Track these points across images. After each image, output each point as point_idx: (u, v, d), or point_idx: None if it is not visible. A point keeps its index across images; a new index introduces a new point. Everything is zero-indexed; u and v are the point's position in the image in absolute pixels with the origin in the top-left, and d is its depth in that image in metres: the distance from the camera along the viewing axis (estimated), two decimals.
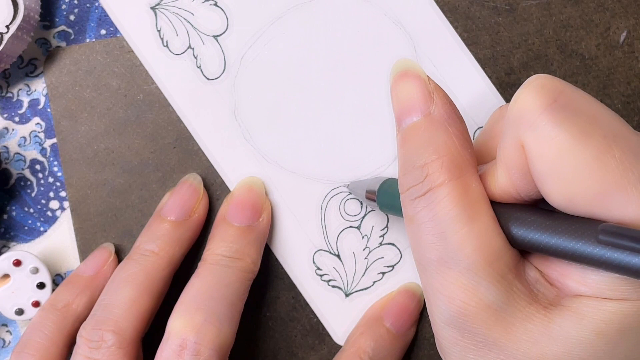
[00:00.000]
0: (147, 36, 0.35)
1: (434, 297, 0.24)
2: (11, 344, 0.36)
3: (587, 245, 0.22)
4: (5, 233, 0.36)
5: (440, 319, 0.24)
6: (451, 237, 0.23)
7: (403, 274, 0.35)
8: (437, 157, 0.24)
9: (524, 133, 0.23)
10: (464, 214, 0.23)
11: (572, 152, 0.22)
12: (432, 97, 0.25)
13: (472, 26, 0.34)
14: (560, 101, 0.22)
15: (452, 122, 0.25)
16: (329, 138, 0.35)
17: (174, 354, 0.29)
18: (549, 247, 0.23)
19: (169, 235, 0.33)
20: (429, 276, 0.24)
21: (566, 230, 0.22)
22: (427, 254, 0.24)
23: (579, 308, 0.23)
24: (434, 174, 0.24)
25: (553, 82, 0.23)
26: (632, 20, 0.34)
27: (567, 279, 0.24)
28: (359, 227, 0.35)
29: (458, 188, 0.24)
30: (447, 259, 0.23)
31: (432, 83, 0.25)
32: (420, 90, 0.25)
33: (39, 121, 0.36)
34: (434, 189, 0.24)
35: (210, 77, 0.35)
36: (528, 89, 0.23)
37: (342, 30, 0.34)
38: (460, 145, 0.24)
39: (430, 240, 0.24)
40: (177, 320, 0.30)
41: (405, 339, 0.34)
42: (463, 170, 0.24)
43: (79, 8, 0.35)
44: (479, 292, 0.23)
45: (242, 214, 0.33)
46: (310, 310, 0.35)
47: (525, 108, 0.23)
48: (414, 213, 0.24)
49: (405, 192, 0.25)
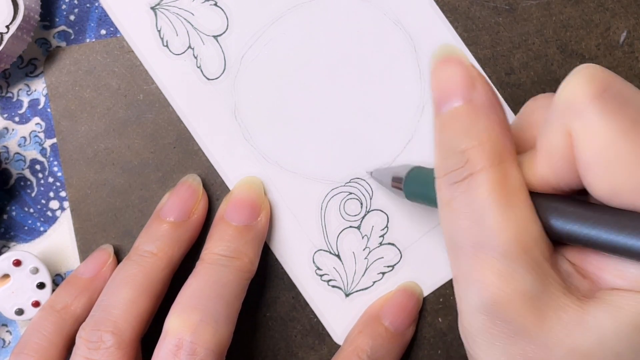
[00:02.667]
0: (147, 36, 0.35)
1: (465, 283, 0.24)
2: (11, 344, 0.36)
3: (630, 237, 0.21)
4: (5, 233, 0.36)
5: (471, 304, 0.24)
6: (488, 222, 0.23)
7: (403, 274, 0.35)
8: (479, 142, 0.24)
9: (572, 120, 0.22)
10: (503, 200, 0.23)
11: (621, 142, 0.21)
12: (474, 84, 0.25)
13: (472, 26, 0.34)
14: (610, 91, 0.22)
15: (494, 110, 0.25)
16: (329, 138, 0.35)
17: (170, 353, 0.29)
18: (589, 239, 0.22)
19: (168, 236, 0.33)
20: (462, 261, 0.24)
21: (607, 222, 0.22)
22: (462, 239, 0.24)
23: (616, 301, 0.22)
24: (474, 159, 0.24)
25: (603, 71, 0.23)
26: (632, 20, 0.34)
27: (603, 271, 0.23)
28: (359, 227, 0.35)
29: (498, 175, 0.23)
30: (483, 245, 0.23)
31: (474, 70, 0.25)
32: (463, 75, 0.25)
33: (39, 121, 0.36)
34: (475, 174, 0.24)
35: (210, 77, 0.35)
36: (578, 77, 0.23)
37: (342, 30, 0.34)
38: (501, 132, 0.24)
39: (466, 225, 0.24)
40: (173, 320, 0.30)
41: (403, 337, 0.34)
42: (503, 157, 0.24)
43: (79, 8, 0.35)
44: (514, 279, 0.23)
45: (241, 214, 0.33)
46: (310, 310, 0.35)
47: (575, 96, 0.22)
48: (451, 198, 0.24)
49: (443, 177, 0.25)
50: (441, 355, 0.35)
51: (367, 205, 0.35)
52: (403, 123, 0.35)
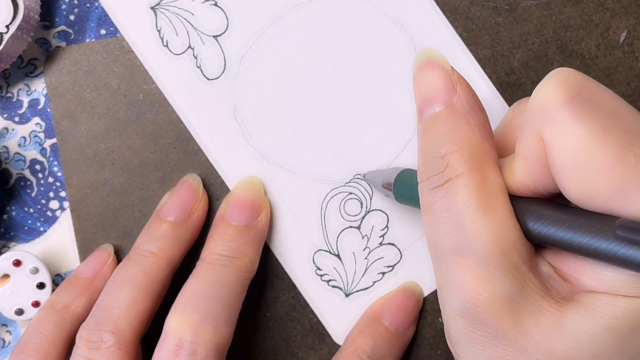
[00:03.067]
0: (147, 36, 0.35)
1: (446, 287, 0.24)
2: (11, 344, 0.36)
3: (603, 241, 0.21)
4: (5, 233, 0.36)
5: (451, 308, 0.24)
6: (467, 227, 0.23)
7: (403, 274, 0.35)
8: (458, 147, 0.24)
9: (544, 126, 0.23)
10: (481, 204, 0.23)
11: (592, 146, 0.22)
12: (455, 88, 0.25)
13: (472, 26, 0.34)
14: (582, 95, 0.22)
15: (474, 114, 0.25)
16: (329, 138, 0.35)
17: (170, 353, 0.29)
18: (565, 242, 0.23)
19: (168, 236, 0.33)
20: (442, 265, 0.24)
21: (583, 225, 0.22)
22: (442, 243, 0.24)
23: (592, 303, 0.23)
24: (454, 164, 0.24)
25: (575, 76, 0.23)
26: (632, 20, 0.34)
27: (581, 274, 0.24)
28: (359, 227, 0.35)
29: (477, 179, 0.24)
30: (462, 249, 0.23)
31: (455, 74, 0.25)
32: (444, 80, 0.25)
33: (38, 121, 0.36)
34: (453, 179, 0.24)
35: (210, 77, 0.35)
36: (550, 82, 0.23)
37: (342, 31, 0.34)
38: (482, 136, 0.25)
39: (446, 230, 0.24)
40: (174, 320, 0.30)
41: (404, 337, 0.34)
42: (483, 161, 0.24)
43: (79, 8, 0.35)
44: (492, 283, 0.23)
45: (241, 213, 0.33)
46: (310, 310, 0.35)
47: (546, 101, 0.23)
48: (432, 202, 0.25)
49: (424, 182, 0.25)
50: (441, 355, 0.35)
51: (367, 205, 0.35)
52: (403, 123, 0.35)
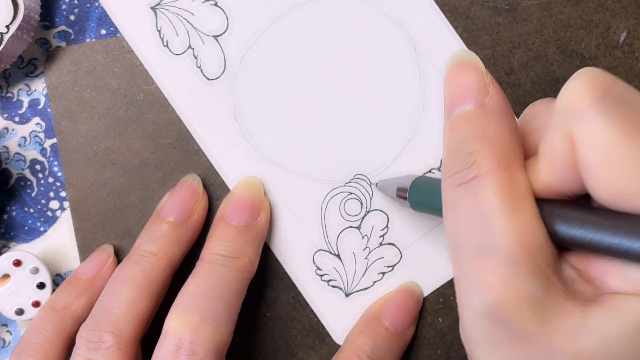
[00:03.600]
0: (147, 36, 0.35)
1: (467, 287, 0.24)
2: (11, 344, 0.36)
3: (633, 241, 0.21)
4: (5, 233, 0.36)
5: (472, 308, 0.24)
6: (493, 226, 0.23)
7: (403, 274, 0.35)
8: (487, 145, 0.24)
9: (574, 125, 0.22)
10: (508, 204, 0.23)
11: (623, 145, 0.21)
12: (487, 89, 0.25)
13: (472, 26, 0.34)
14: (611, 94, 0.22)
15: (505, 116, 0.25)
16: (329, 138, 0.35)
17: (170, 353, 0.29)
18: (593, 243, 0.22)
19: (168, 236, 0.33)
20: (464, 264, 0.24)
21: (611, 226, 0.22)
22: (465, 242, 0.24)
23: (620, 305, 0.22)
24: (482, 161, 0.24)
25: (603, 75, 0.23)
26: (632, 20, 0.34)
27: (607, 276, 0.23)
28: (359, 227, 0.35)
29: (504, 178, 0.24)
30: (486, 248, 0.23)
31: (488, 76, 0.25)
32: (477, 80, 0.25)
33: (39, 121, 0.36)
34: (480, 176, 0.24)
35: (211, 77, 0.35)
36: (578, 82, 0.23)
37: (342, 31, 0.34)
38: (511, 138, 0.24)
39: (470, 228, 0.24)
40: (173, 320, 0.30)
41: (404, 337, 0.34)
42: (511, 161, 0.24)
43: (79, 8, 0.35)
44: (517, 284, 0.23)
45: (240, 213, 0.33)
46: (310, 310, 0.35)
47: (575, 100, 0.22)
48: (456, 200, 0.24)
49: (448, 178, 0.25)
50: (441, 355, 0.35)
51: (367, 205, 0.35)
52: (403, 123, 0.35)
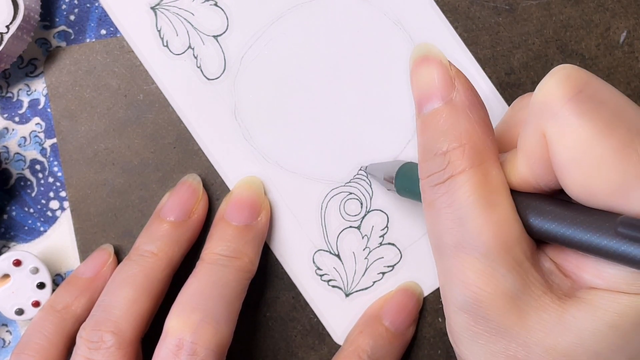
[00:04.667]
0: (147, 36, 0.35)
1: (449, 282, 0.24)
2: (11, 344, 0.36)
3: (604, 238, 0.21)
4: (5, 233, 0.36)
5: (454, 303, 0.24)
6: (470, 223, 0.23)
7: (403, 273, 0.35)
8: (459, 144, 0.24)
9: (547, 122, 0.23)
10: (484, 200, 0.23)
11: (595, 143, 0.22)
12: (453, 84, 0.25)
13: (472, 26, 0.34)
14: (586, 92, 0.22)
15: (474, 109, 0.25)
16: (329, 138, 0.35)
17: (170, 353, 0.29)
18: (566, 238, 0.23)
19: (168, 236, 0.33)
20: (445, 261, 0.24)
21: (584, 222, 0.22)
22: (444, 239, 0.24)
23: (594, 300, 0.23)
24: (455, 161, 0.24)
25: (579, 72, 0.23)
26: (632, 20, 0.34)
27: (582, 271, 0.24)
28: (359, 227, 0.35)
29: (479, 175, 0.24)
30: (464, 245, 0.23)
31: (453, 69, 0.25)
32: (442, 75, 0.25)
33: (39, 121, 0.36)
34: (455, 175, 0.24)
35: (210, 77, 0.35)
36: (553, 79, 0.23)
37: (342, 31, 0.34)
38: (482, 132, 0.24)
39: (448, 226, 0.24)
40: (173, 320, 0.30)
41: (404, 337, 0.34)
42: (484, 157, 0.24)
43: (79, 8, 0.35)
44: (495, 279, 0.23)
45: (240, 213, 0.33)
46: (310, 310, 0.35)
47: (549, 97, 0.23)
48: (434, 199, 0.25)
49: (425, 179, 0.25)
50: (441, 355, 0.35)
51: (367, 205, 0.35)
52: (403, 123, 0.35)
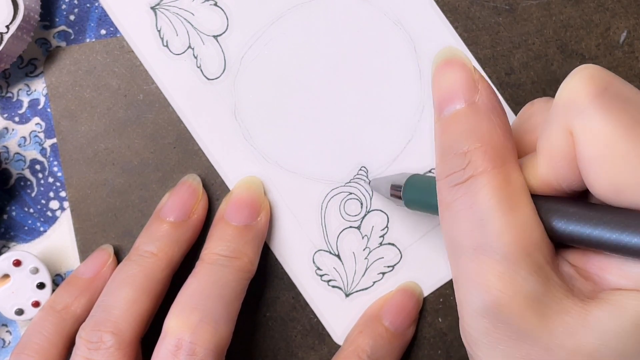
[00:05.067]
0: (147, 36, 0.34)
1: (466, 286, 0.24)
2: (11, 344, 0.36)
3: (632, 236, 0.21)
4: (5, 233, 0.36)
5: (472, 308, 0.24)
6: (490, 225, 0.23)
7: (403, 274, 0.35)
8: (481, 144, 0.24)
9: (574, 120, 0.22)
10: (505, 203, 0.23)
11: (623, 140, 0.21)
12: (477, 86, 0.25)
13: (472, 26, 0.34)
14: (610, 90, 0.22)
15: (496, 113, 0.25)
16: (329, 138, 0.35)
17: (169, 353, 0.29)
18: (591, 239, 0.22)
19: (168, 236, 0.33)
20: (463, 264, 0.24)
21: (610, 221, 0.22)
22: (463, 241, 0.24)
23: (619, 301, 0.22)
24: (476, 161, 0.24)
25: (602, 71, 0.23)
26: (632, 20, 0.34)
27: (606, 272, 0.23)
28: (359, 227, 0.35)
29: (500, 177, 0.23)
30: (484, 247, 0.23)
31: (477, 73, 0.25)
32: (466, 78, 0.25)
33: (39, 121, 0.36)
34: (476, 176, 0.24)
35: (210, 77, 0.35)
36: (578, 77, 0.23)
37: (342, 30, 0.34)
38: (504, 135, 0.24)
39: (467, 228, 0.24)
40: (173, 320, 0.30)
41: (404, 337, 0.34)
42: (505, 159, 0.24)
43: (79, 8, 0.35)
44: (516, 282, 0.23)
45: (240, 213, 0.33)
46: (310, 310, 0.35)
47: (575, 95, 0.23)
48: (452, 200, 0.24)
49: (444, 179, 0.25)
50: (441, 355, 0.35)
51: (367, 205, 0.35)
52: (403, 123, 0.35)
